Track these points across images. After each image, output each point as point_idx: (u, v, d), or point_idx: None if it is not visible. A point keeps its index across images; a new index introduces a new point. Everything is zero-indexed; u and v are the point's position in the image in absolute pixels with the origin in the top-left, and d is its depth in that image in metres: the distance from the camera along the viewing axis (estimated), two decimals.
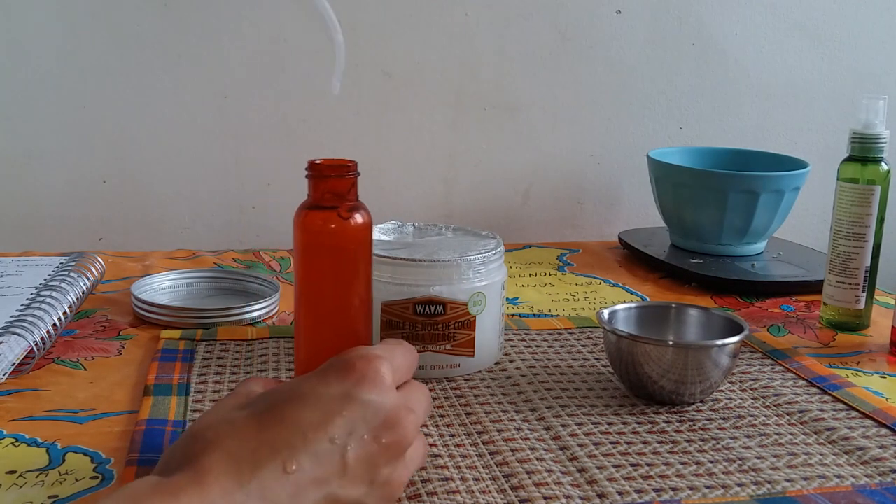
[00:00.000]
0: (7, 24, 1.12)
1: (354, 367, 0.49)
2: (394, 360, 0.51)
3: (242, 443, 0.44)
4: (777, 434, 0.65)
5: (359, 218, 0.60)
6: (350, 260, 0.60)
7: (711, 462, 0.60)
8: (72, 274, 0.90)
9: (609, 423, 0.66)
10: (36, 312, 0.78)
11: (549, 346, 0.81)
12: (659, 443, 0.63)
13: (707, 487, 0.57)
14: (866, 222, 0.86)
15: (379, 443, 0.47)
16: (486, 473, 0.57)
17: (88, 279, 0.91)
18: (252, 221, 1.23)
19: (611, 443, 0.63)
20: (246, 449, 0.44)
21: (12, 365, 0.71)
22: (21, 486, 0.55)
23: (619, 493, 0.56)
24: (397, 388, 0.51)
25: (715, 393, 0.71)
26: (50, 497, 0.54)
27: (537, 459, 0.59)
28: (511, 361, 0.77)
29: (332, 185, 0.59)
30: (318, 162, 0.60)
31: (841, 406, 0.70)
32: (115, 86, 1.16)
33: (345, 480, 0.46)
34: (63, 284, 0.86)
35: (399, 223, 0.81)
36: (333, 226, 0.59)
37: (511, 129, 1.27)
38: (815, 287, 0.96)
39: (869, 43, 1.36)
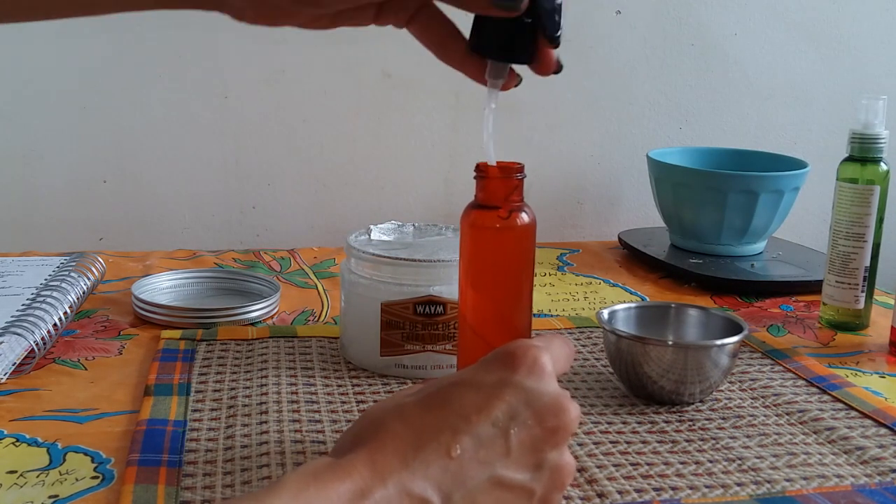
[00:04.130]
0: (7, 25, 1.12)
1: (515, 356, 0.50)
2: (552, 350, 0.52)
3: (407, 425, 0.46)
4: (777, 434, 0.65)
5: (525, 217, 0.61)
6: (514, 258, 0.61)
7: (711, 461, 0.60)
8: (72, 274, 0.90)
9: (609, 423, 0.66)
10: (36, 312, 0.78)
11: None
12: (659, 442, 0.63)
13: (707, 487, 0.57)
14: (866, 222, 0.86)
15: (543, 427, 0.48)
16: None
17: (89, 279, 0.91)
18: (252, 221, 1.23)
19: (610, 442, 0.63)
20: (410, 430, 0.46)
21: (13, 365, 0.71)
22: (21, 486, 0.55)
23: (619, 493, 0.56)
24: None
25: (714, 393, 0.71)
26: (50, 497, 0.54)
27: None
28: None
29: (497, 185, 0.61)
30: (484, 164, 0.62)
31: (840, 406, 0.70)
32: (115, 86, 1.16)
33: (509, 462, 0.47)
34: (64, 284, 0.86)
35: (399, 223, 0.81)
36: (498, 225, 0.60)
37: (511, 129, 1.27)
38: (814, 287, 0.96)
39: (869, 43, 1.36)
